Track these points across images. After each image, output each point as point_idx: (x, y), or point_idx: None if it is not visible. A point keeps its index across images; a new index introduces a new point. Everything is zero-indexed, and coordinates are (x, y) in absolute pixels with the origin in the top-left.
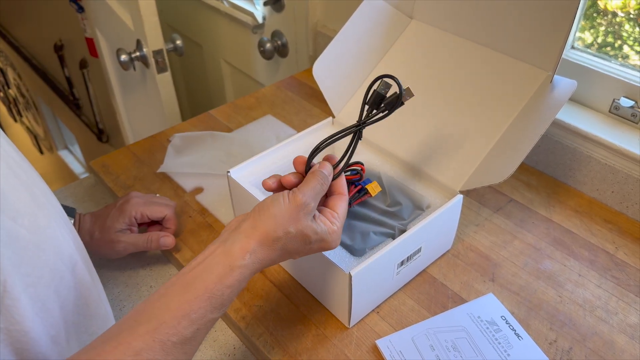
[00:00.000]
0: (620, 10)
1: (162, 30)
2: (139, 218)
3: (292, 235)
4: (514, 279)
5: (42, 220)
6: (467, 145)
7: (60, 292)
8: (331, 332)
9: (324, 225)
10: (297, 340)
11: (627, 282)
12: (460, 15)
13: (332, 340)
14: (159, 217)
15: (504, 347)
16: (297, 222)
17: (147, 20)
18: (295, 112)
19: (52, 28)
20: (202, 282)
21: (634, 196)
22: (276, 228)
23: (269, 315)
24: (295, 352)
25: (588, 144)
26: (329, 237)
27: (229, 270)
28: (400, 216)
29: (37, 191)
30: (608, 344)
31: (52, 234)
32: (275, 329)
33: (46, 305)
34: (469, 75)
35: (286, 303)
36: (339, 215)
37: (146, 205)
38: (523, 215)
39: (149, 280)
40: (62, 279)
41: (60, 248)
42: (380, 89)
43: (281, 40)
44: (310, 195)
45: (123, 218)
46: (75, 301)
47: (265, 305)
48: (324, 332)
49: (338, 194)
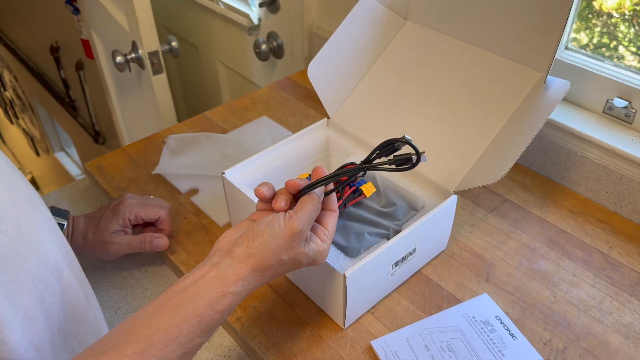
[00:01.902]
0: (616, 11)
1: (158, 32)
2: (132, 219)
3: (284, 262)
4: (508, 279)
5: (25, 227)
6: (461, 145)
7: (44, 299)
8: (326, 333)
9: (316, 245)
10: (292, 341)
11: (622, 281)
12: (455, 16)
13: (327, 341)
14: (153, 218)
15: (498, 347)
16: (291, 249)
17: (143, 22)
18: (290, 113)
19: (48, 30)
20: (193, 306)
21: (628, 196)
22: (270, 257)
23: (264, 317)
24: (290, 353)
25: (582, 144)
26: (320, 257)
27: (221, 296)
28: (394, 217)
29: (21, 196)
30: (602, 344)
31: (36, 240)
32: (270, 330)
33: (29, 313)
34: (463, 76)
35: (281, 304)
36: (330, 233)
37: (140, 206)
38: (518, 216)
39: (144, 282)
40: (47, 286)
41: (45, 254)
42: (398, 145)
43: (276, 41)
44: (306, 222)
45: (117, 219)
46: (61, 308)
47: (260, 306)
48: (319, 333)
49: (329, 210)
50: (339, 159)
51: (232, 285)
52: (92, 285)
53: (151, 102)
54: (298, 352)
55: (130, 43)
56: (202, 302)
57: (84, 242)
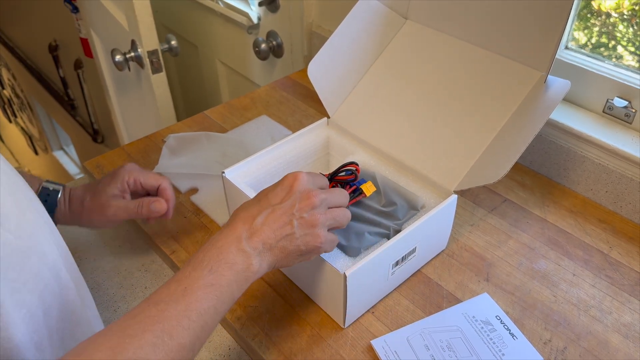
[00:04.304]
0: (614, 11)
1: (157, 31)
2: (131, 184)
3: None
4: (508, 279)
5: (26, 226)
6: (461, 145)
7: (44, 298)
8: (326, 332)
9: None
10: (292, 340)
11: (621, 281)
12: (455, 16)
13: (327, 341)
14: (152, 185)
15: (498, 346)
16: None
17: (142, 21)
18: (290, 112)
19: (46, 28)
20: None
21: (627, 196)
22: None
23: (264, 316)
24: (290, 352)
25: (582, 144)
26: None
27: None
28: (395, 216)
29: (20, 196)
30: (602, 343)
31: (37, 240)
32: (271, 330)
33: (30, 311)
34: (463, 76)
35: (281, 303)
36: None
37: (140, 171)
38: (517, 215)
39: (143, 281)
40: (47, 286)
41: (44, 254)
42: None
43: (276, 40)
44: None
45: (115, 182)
46: (59, 307)
47: (260, 305)
48: (319, 332)
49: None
50: (338, 159)
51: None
52: (92, 285)
53: (150, 101)
54: (298, 352)
55: (129, 42)
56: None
57: (81, 209)
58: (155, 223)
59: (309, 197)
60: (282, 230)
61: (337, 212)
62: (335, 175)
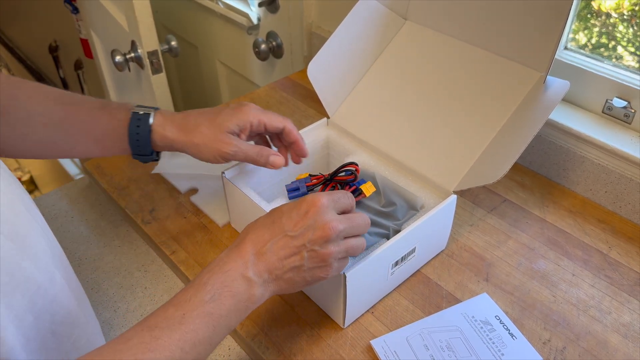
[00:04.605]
0: (614, 11)
1: (157, 31)
2: (255, 125)
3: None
4: (508, 279)
5: (20, 229)
6: (460, 145)
7: (35, 302)
8: (326, 332)
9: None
10: (292, 340)
11: (621, 281)
12: (454, 17)
13: (327, 341)
14: (277, 127)
15: (497, 346)
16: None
17: (142, 21)
18: (290, 112)
19: (46, 29)
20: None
21: (627, 196)
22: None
23: (263, 316)
24: (289, 352)
25: (581, 144)
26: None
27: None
28: (394, 216)
29: (14, 199)
30: (601, 343)
31: (30, 243)
32: (270, 330)
33: (19, 315)
34: (463, 76)
35: (281, 303)
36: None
37: (264, 112)
38: (517, 215)
39: (143, 281)
40: (39, 289)
41: (36, 257)
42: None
43: (276, 41)
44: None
45: (237, 120)
46: (53, 311)
47: (259, 306)
48: (318, 332)
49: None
50: (338, 159)
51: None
52: (91, 285)
53: (150, 101)
54: (298, 352)
55: (129, 42)
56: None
57: (189, 135)
58: (155, 223)
59: (324, 228)
60: (290, 260)
61: (352, 242)
62: (335, 176)
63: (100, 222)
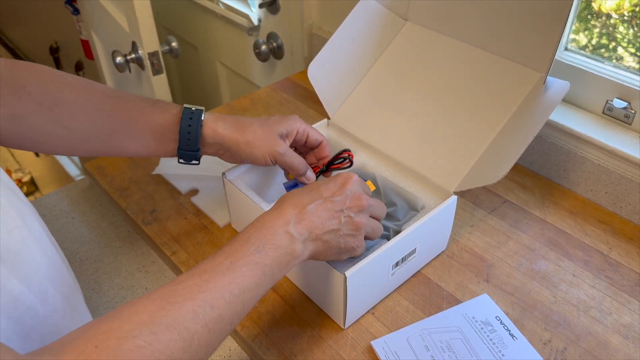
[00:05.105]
0: (615, 12)
1: (158, 32)
2: (300, 132)
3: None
4: (508, 280)
5: (12, 246)
6: (461, 146)
7: (24, 322)
8: (326, 333)
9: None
10: (293, 341)
11: (621, 282)
12: (454, 17)
13: (328, 341)
14: (317, 139)
15: (498, 347)
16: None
17: (143, 22)
18: (290, 113)
19: (47, 30)
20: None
21: (627, 197)
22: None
23: (264, 317)
24: (290, 353)
25: (582, 145)
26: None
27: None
28: (395, 217)
29: (11, 213)
30: (602, 344)
31: (22, 260)
32: (271, 330)
33: (6, 336)
34: (463, 77)
35: (281, 304)
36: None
37: (307, 125)
38: (517, 216)
39: (144, 282)
40: (28, 310)
41: (28, 275)
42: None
43: (276, 42)
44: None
45: (287, 124)
46: (43, 330)
47: (260, 306)
48: (319, 333)
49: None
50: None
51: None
52: (92, 286)
53: None
54: (298, 352)
55: (130, 43)
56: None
57: (240, 133)
58: (156, 224)
59: (359, 198)
60: (329, 222)
61: (376, 223)
62: (331, 165)
63: (101, 223)
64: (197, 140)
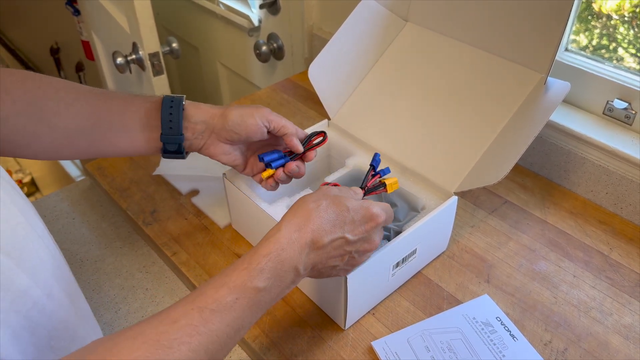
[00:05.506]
0: (615, 13)
1: (158, 33)
2: (272, 122)
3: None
4: (509, 280)
5: (17, 243)
6: (461, 146)
7: (32, 317)
8: (327, 333)
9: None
10: (293, 342)
11: (622, 282)
12: (455, 18)
13: (328, 342)
14: (282, 125)
15: (499, 348)
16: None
17: (143, 23)
18: (291, 114)
19: (48, 31)
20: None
21: (628, 197)
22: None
23: (264, 317)
24: (291, 353)
25: (582, 146)
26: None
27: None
28: (395, 217)
29: (14, 210)
30: (603, 345)
31: (28, 256)
32: (271, 331)
33: (15, 331)
34: (464, 77)
35: (282, 305)
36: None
37: (277, 115)
38: (518, 217)
39: (144, 283)
40: (35, 304)
41: (34, 271)
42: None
43: (277, 43)
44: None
45: (260, 113)
46: (50, 326)
47: None
48: (319, 333)
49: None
50: (339, 160)
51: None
52: (93, 286)
53: None
54: (299, 353)
55: (130, 44)
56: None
57: (222, 108)
58: (156, 224)
59: (372, 243)
60: (334, 260)
61: (368, 257)
62: (311, 148)
63: (102, 223)
64: (180, 121)
